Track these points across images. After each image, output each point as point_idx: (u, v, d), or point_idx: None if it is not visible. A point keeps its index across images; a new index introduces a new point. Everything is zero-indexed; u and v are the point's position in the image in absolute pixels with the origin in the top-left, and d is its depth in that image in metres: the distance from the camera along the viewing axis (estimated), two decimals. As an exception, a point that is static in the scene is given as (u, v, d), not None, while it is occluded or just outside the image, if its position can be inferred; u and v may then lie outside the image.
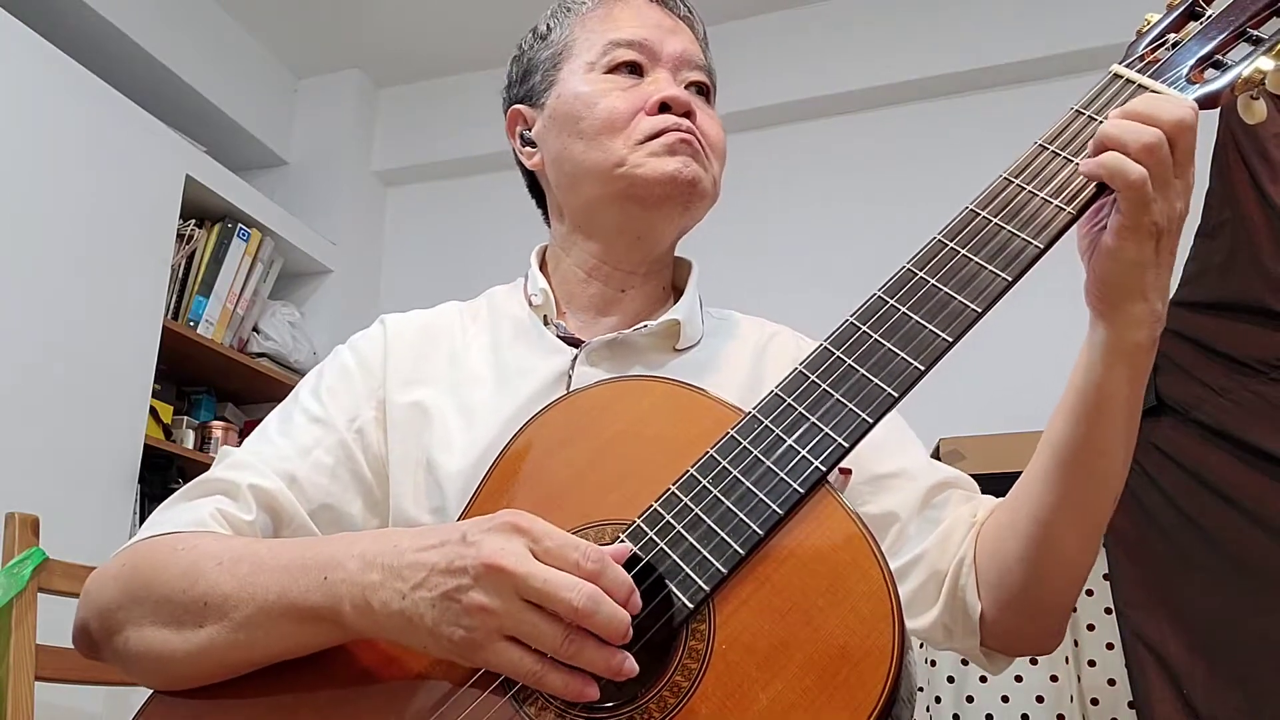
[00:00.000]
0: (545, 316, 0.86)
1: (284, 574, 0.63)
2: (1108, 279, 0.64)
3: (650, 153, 0.81)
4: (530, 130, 0.92)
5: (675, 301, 0.89)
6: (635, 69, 0.85)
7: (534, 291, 0.87)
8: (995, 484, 1.60)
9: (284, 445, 0.79)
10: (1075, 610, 1.60)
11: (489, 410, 0.78)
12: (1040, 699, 1.72)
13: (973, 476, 0.85)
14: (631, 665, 0.55)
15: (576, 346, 0.83)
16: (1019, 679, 1.74)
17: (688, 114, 0.83)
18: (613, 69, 0.85)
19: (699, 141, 0.83)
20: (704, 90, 0.88)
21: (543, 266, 0.92)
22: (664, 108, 0.82)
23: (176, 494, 0.77)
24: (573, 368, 0.82)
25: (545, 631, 0.54)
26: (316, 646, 0.63)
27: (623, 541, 0.60)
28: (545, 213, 0.97)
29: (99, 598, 0.70)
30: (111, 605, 0.69)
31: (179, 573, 0.67)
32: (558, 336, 0.85)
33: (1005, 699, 1.73)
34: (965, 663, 1.77)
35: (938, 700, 1.76)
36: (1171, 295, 1.48)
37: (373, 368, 0.84)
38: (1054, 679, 1.71)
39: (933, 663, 1.79)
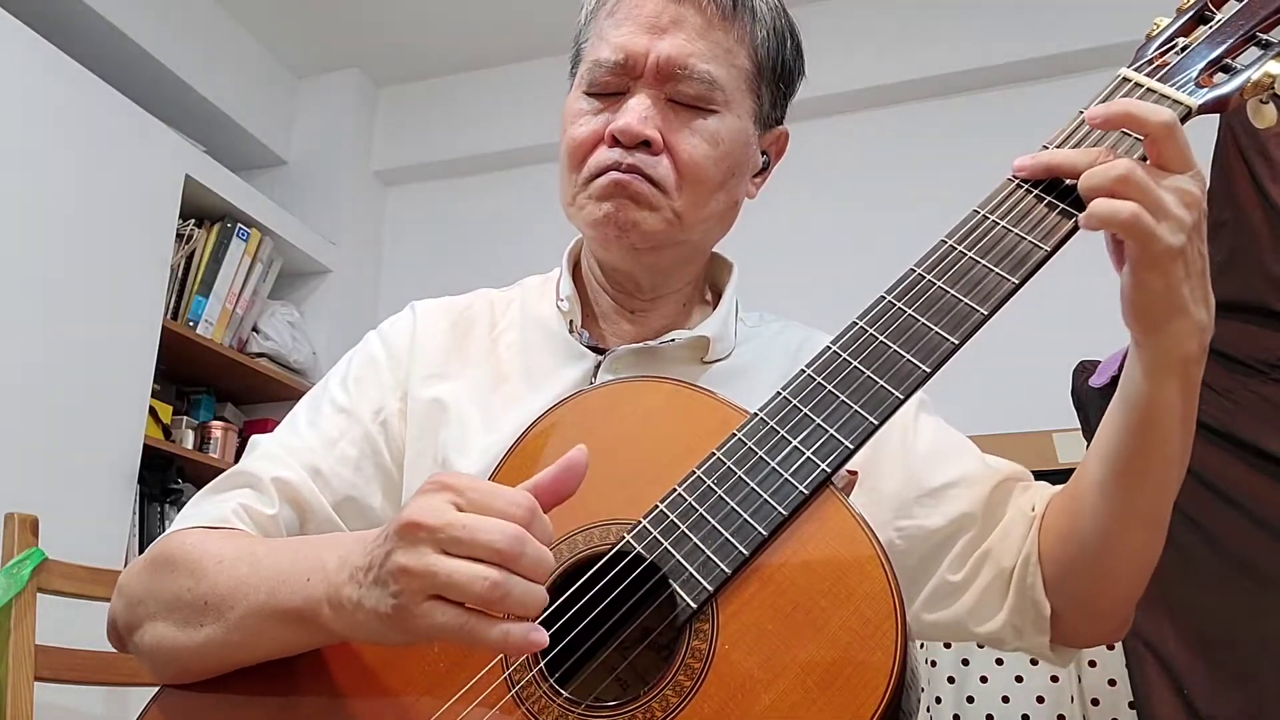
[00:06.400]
0: (571, 323, 0.84)
1: (274, 576, 0.63)
2: (1141, 307, 0.62)
3: (589, 195, 0.78)
4: None
5: (711, 305, 0.87)
6: (616, 90, 0.79)
7: (562, 297, 0.85)
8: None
9: (310, 436, 0.79)
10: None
11: (510, 414, 0.78)
12: (1040, 699, 1.72)
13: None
14: (543, 597, 0.52)
15: (603, 353, 0.82)
16: (1019, 679, 1.74)
17: (647, 142, 0.76)
18: (591, 92, 0.80)
19: (644, 180, 0.76)
20: (696, 101, 0.78)
21: (577, 264, 0.90)
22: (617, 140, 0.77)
23: (208, 486, 0.78)
24: (595, 375, 0.80)
25: (464, 575, 0.50)
26: (304, 647, 0.63)
27: (625, 541, 0.60)
28: None
29: (125, 593, 0.72)
30: (133, 601, 0.71)
31: (187, 571, 0.68)
32: (583, 345, 0.83)
33: (1006, 699, 1.73)
34: (966, 663, 1.77)
35: (938, 700, 1.76)
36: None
37: (399, 358, 0.83)
38: (1054, 679, 1.71)
39: (933, 663, 1.79)
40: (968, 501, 0.78)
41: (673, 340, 0.81)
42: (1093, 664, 1.70)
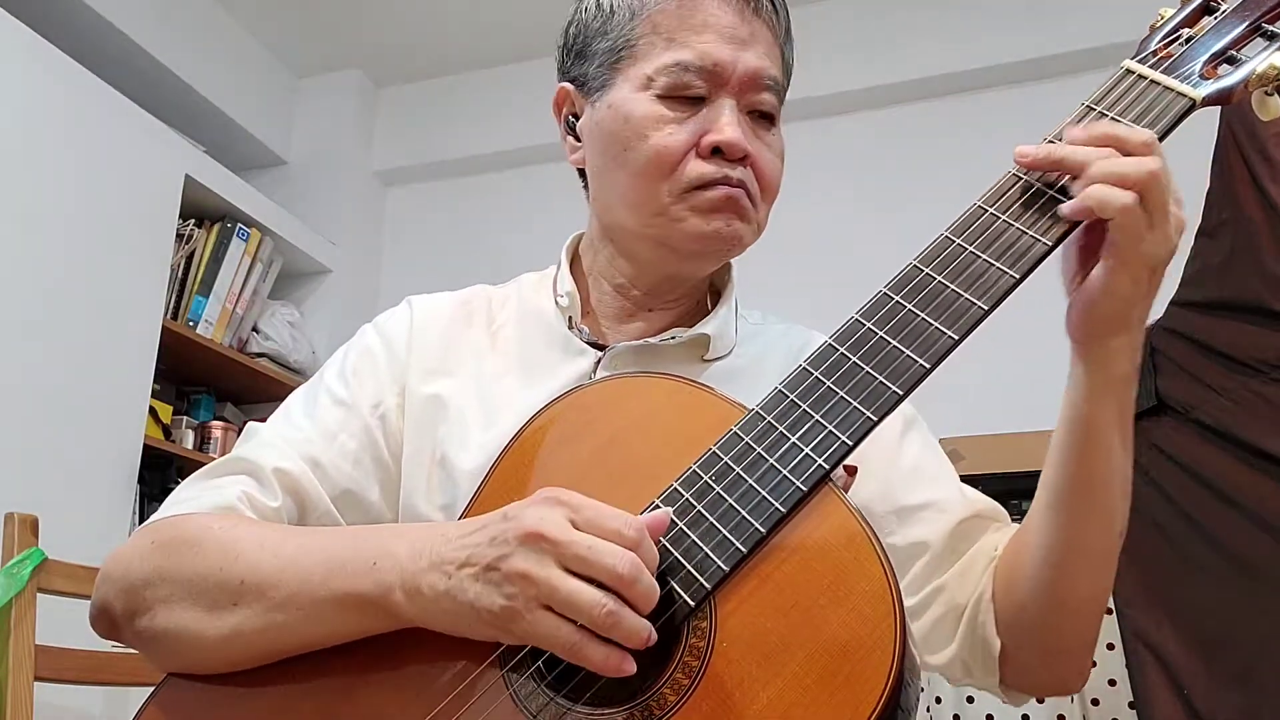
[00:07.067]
0: (570, 319, 0.84)
1: (331, 559, 0.63)
2: (1097, 313, 0.63)
3: (692, 207, 0.77)
4: (578, 119, 0.85)
5: (711, 305, 0.87)
6: (696, 96, 0.77)
7: (561, 293, 0.85)
8: (995, 484, 1.60)
9: (308, 428, 0.79)
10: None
11: (510, 409, 0.77)
12: (1040, 699, 1.72)
13: (972, 476, 0.84)
14: (654, 635, 0.55)
15: (602, 349, 0.82)
16: (1019, 679, 1.73)
17: (745, 156, 0.77)
18: (670, 96, 0.77)
19: (748, 194, 0.78)
20: (770, 113, 0.81)
21: (576, 259, 0.89)
22: (717, 150, 0.76)
23: (201, 471, 0.76)
24: (595, 371, 0.80)
25: (585, 599, 0.54)
26: (357, 634, 0.63)
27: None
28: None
29: (124, 576, 0.69)
30: (138, 583, 0.68)
31: (216, 550, 0.66)
32: (583, 341, 0.83)
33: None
34: (965, 663, 1.76)
35: (938, 700, 1.76)
36: (1172, 295, 1.47)
37: (397, 352, 0.83)
38: (1054, 679, 1.71)
39: (933, 663, 1.78)
40: (931, 528, 0.77)
41: (673, 339, 0.81)
42: (1093, 664, 1.70)
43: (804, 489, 0.58)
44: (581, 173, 0.88)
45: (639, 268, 0.84)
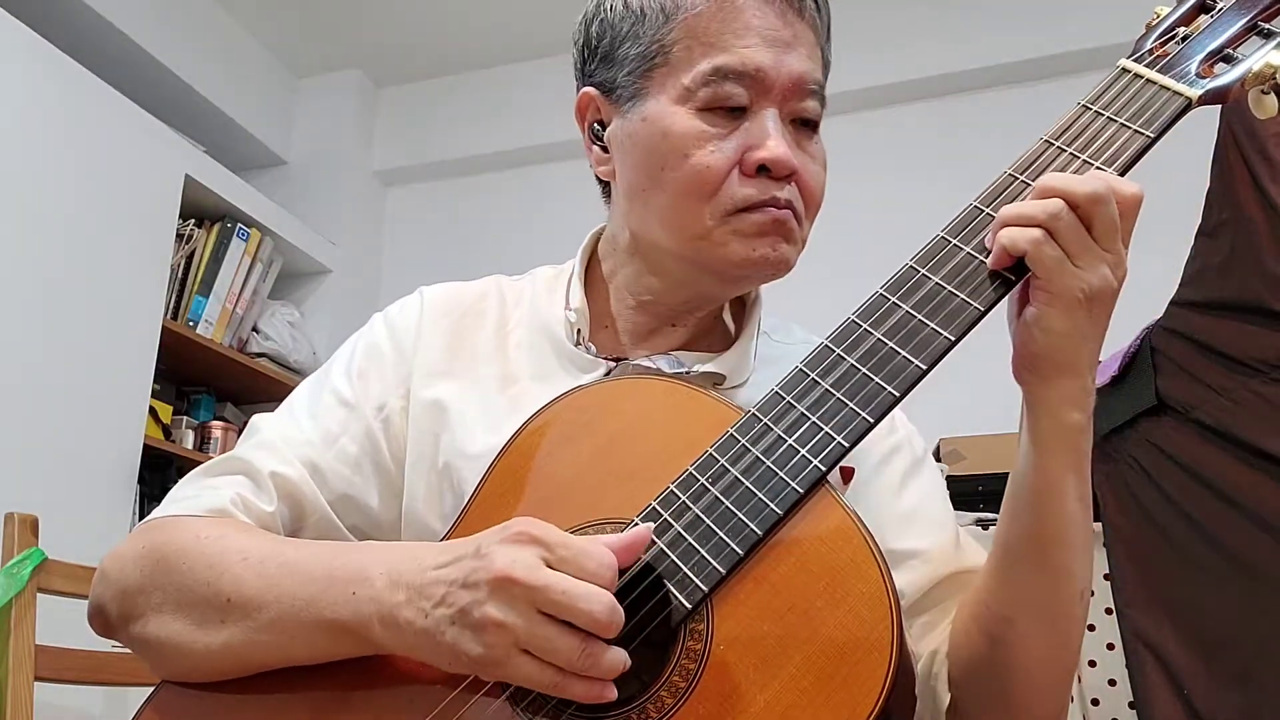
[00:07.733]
0: (579, 332, 0.81)
1: (312, 582, 0.62)
2: (1031, 349, 0.61)
3: (736, 230, 0.72)
4: (604, 127, 0.80)
5: (732, 318, 0.85)
6: (736, 106, 0.73)
7: (570, 307, 0.81)
8: (995, 484, 1.59)
9: (310, 429, 0.77)
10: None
11: (512, 418, 0.74)
12: None
13: (972, 476, 0.84)
14: (627, 660, 0.55)
15: (614, 362, 0.79)
16: (1019, 679, 1.73)
17: (791, 173, 0.73)
18: (710, 107, 0.73)
19: (794, 213, 0.74)
20: (813, 120, 0.77)
21: (593, 259, 0.86)
22: (762, 168, 0.72)
23: (199, 469, 0.76)
24: None
25: (561, 645, 0.53)
26: (341, 656, 0.62)
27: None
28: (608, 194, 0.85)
29: (119, 579, 0.69)
30: (132, 589, 0.68)
31: (203, 564, 0.66)
32: (591, 357, 0.80)
33: (1005, 699, 1.72)
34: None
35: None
36: (1172, 295, 1.47)
37: (404, 350, 0.81)
38: (1054, 679, 1.70)
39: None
40: (912, 577, 0.74)
41: (687, 372, 0.78)
42: (1093, 664, 1.70)
43: (800, 491, 0.58)
44: (601, 180, 0.84)
45: (669, 285, 0.80)
